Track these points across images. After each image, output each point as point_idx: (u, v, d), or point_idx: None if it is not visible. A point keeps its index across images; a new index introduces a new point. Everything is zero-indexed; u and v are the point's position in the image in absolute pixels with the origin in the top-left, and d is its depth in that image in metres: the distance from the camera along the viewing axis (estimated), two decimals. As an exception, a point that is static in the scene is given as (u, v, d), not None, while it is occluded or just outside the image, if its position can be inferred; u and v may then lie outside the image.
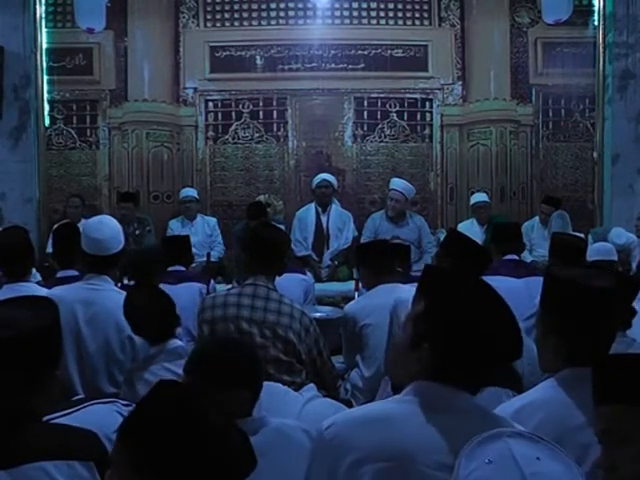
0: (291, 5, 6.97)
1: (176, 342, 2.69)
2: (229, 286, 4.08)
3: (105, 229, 2.98)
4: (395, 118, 6.98)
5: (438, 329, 1.42)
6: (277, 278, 3.00)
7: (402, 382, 1.50)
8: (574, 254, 3.71)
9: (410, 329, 1.47)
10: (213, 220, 6.53)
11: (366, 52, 6.93)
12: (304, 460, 1.48)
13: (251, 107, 6.99)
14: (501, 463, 1.19)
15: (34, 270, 3.54)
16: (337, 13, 6.97)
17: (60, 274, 3.41)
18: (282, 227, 5.09)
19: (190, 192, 6.51)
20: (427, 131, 7.02)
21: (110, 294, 2.93)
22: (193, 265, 4.98)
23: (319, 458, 1.43)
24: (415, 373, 1.45)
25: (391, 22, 6.99)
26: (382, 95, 6.98)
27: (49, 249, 5.95)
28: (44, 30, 6.50)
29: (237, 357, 1.86)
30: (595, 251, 4.29)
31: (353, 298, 4.52)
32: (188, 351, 2.58)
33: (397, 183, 5.97)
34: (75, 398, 2.55)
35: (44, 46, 6.49)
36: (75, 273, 3.31)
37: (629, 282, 2.63)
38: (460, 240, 3.32)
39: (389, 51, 6.94)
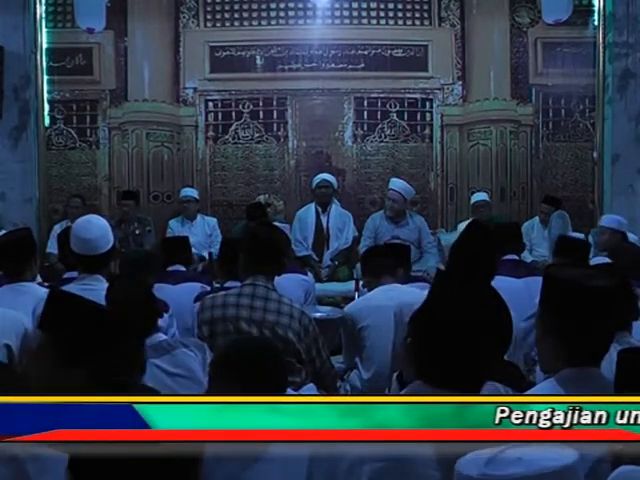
0: (291, 5, 6.96)
1: (160, 336, 2.67)
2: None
3: (94, 228, 2.99)
4: (395, 118, 6.98)
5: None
6: (277, 278, 2.99)
7: None
8: (577, 253, 3.71)
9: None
10: (213, 220, 6.53)
11: (366, 52, 6.93)
12: None
13: (251, 107, 6.99)
14: None
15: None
16: (337, 13, 6.97)
17: (67, 275, 3.47)
18: (286, 227, 5.10)
19: (188, 192, 6.51)
20: (427, 131, 7.02)
21: (103, 293, 2.93)
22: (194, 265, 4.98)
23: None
24: None
25: (391, 22, 6.98)
26: (382, 95, 6.98)
27: (49, 249, 5.97)
28: (44, 30, 6.49)
29: (262, 359, 1.89)
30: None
31: (353, 298, 4.52)
32: (175, 343, 2.60)
33: (396, 183, 5.98)
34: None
35: (44, 46, 6.48)
36: (82, 275, 3.34)
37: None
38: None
39: (389, 51, 6.94)
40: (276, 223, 4.69)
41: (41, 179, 6.48)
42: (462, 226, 6.13)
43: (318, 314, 4.05)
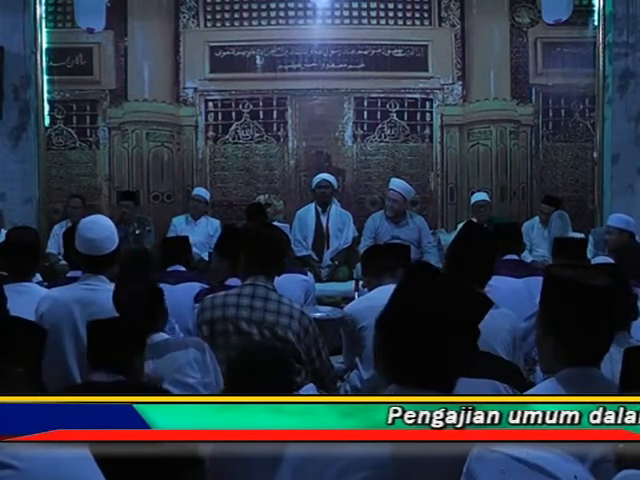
0: (291, 5, 6.96)
1: (162, 336, 2.68)
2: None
3: (99, 229, 2.98)
4: (395, 118, 6.98)
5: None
6: (277, 278, 2.99)
7: None
8: (576, 253, 3.71)
9: None
10: (216, 222, 6.51)
11: (366, 52, 6.93)
12: None
13: (251, 107, 6.99)
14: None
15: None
16: (337, 13, 6.97)
17: (70, 274, 3.48)
18: (286, 227, 5.10)
19: (199, 191, 6.51)
20: (427, 131, 7.02)
21: (107, 294, 2.92)
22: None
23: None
24: None
25: (391, 22, 6.98)
26: (382, 95, 6.98)
27: (49, 249, 5.97)
28: (44, 30, 6.50)
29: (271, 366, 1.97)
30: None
31: (353, 298, 4.52)
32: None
33: (396, 183, 5.97)
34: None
35: (44, 46, 6.49)
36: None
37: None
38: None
39: (389, 51, 6.94)
40: (276, 223, 4.70)
41: (41, 179, 6.49)
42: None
43: (318, 314, 4.05)
